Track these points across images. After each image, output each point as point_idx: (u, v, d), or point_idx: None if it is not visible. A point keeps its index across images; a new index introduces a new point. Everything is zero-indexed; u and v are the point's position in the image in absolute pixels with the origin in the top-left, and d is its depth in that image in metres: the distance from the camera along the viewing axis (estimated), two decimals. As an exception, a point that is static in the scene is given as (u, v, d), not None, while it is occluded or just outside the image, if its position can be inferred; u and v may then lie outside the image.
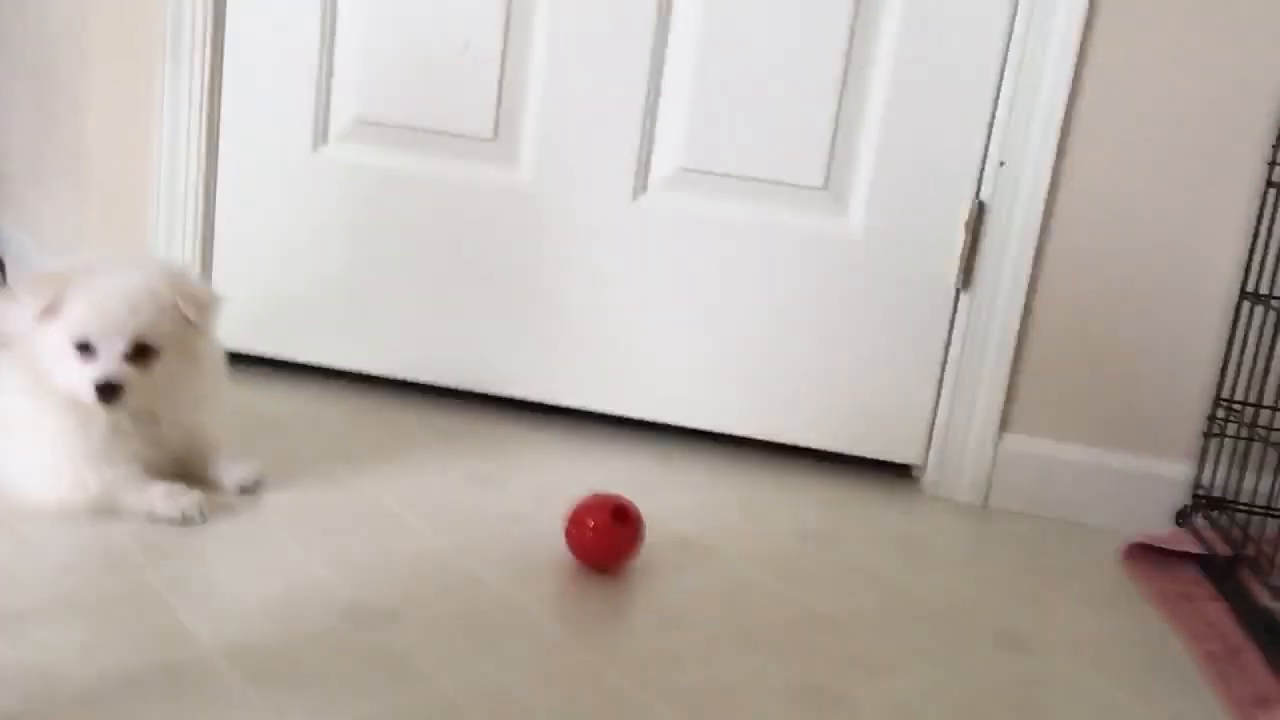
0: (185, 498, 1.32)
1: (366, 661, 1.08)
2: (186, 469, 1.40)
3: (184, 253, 1.76)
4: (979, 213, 1.62)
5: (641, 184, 1.70)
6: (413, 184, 1.73)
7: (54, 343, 1.28)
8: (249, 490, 1.41)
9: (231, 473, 1.41)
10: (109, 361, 1.27)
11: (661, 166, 1.69)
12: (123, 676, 1.01)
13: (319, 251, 1.77)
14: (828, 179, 1.65)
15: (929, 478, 1.71)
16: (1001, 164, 1.59)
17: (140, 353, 1.29)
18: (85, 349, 1.28)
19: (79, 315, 1.27)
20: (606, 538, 1.29)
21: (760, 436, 1.75)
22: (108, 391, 1.27)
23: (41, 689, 0.97)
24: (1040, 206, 1.59)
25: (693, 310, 1.71)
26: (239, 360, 1.51)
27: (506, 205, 1.72)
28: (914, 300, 1.66)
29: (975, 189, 1.61)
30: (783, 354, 1.71)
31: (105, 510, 1.30)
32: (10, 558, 1.19)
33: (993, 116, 1.59)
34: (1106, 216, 1.59)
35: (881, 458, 1.73)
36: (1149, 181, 1.58)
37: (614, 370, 1.75)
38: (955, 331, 1.66)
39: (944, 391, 1.68)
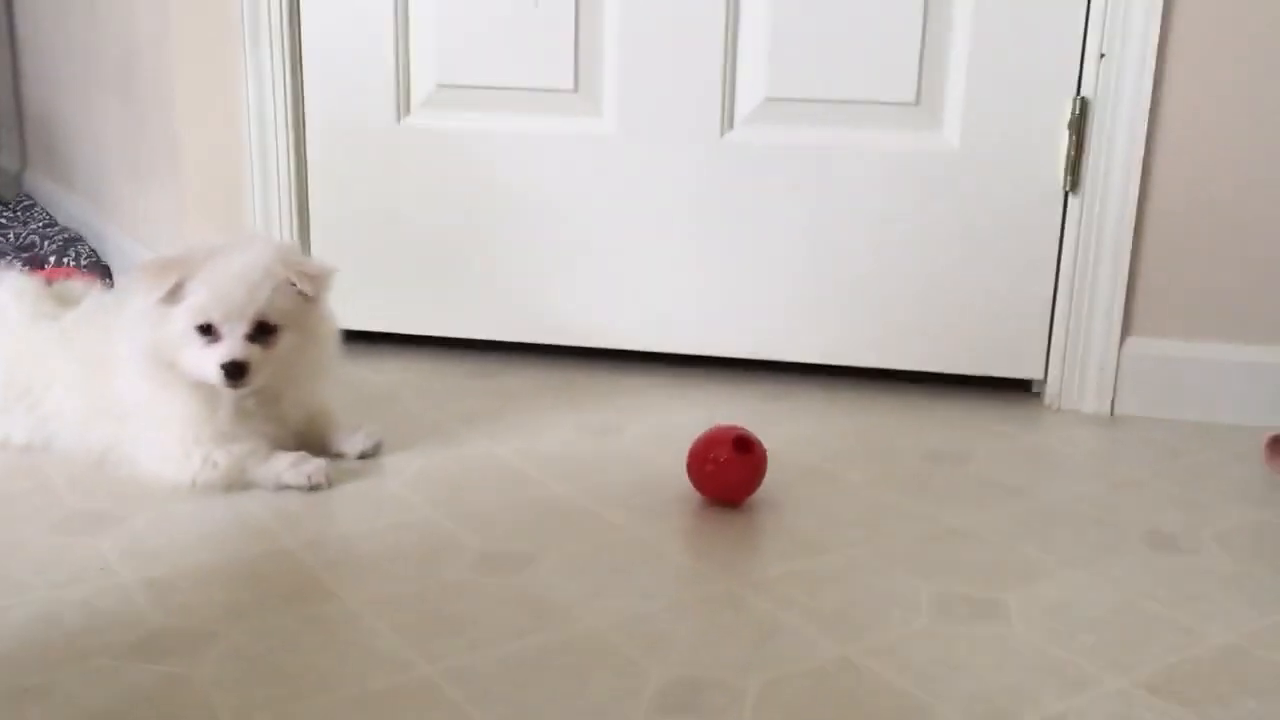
0: (310, 465, 1.34)
1: (508, 604, 1.08)
2: (306, 441, 1.41)
3: (281, 235, 1.79)
4: (1082, 110, 1.55)
5: (728, 120, 1.67)
6: (497, 144, 1.73)
7: (177, 328, 1.29)
8: (368, 455, 1.43)
9: (350, 440, 1.43)
10: (233, 343, 1.28)
11: (746, 99, 1.66)
12: (273, 632, 1.02)
13: (410, 221, 1.78)
14: (919, 93, 1.60)
15: (1051, 390, 1.65)
16: (1102, 56, 1.53)
17: (261, 331, 1.30)
18: (207, 331, 1.29)
19: (201, 299, 1.28)
20: (732, 468, 1.27)
21: (870, 365, 1.71)
22: (234, 372, 1.28)
23: (196, 648, 0.99)
24: (1147, 97, 1.52)
25: (790, 242, 1.68)
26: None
27: (592, 156, 1.71)
28: (1021, 209, 1.61)
29: (1076, 86, 1.55)
30: (886, 278, 1.67)
31: (235, 485, 1.32)
32: (152, 532, 1.21)
33: (1089, 4, 1.52)
34: (1218, 101, 1.52)
35: (999, 375, 1.68)
36: (1262, 58, 1.50)
37: (715, 312, 1.73)
38: (1066, 237, 1.61)
39: (1059, 300, 1.63)
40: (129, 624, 1.03)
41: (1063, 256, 1.61)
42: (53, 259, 2.25)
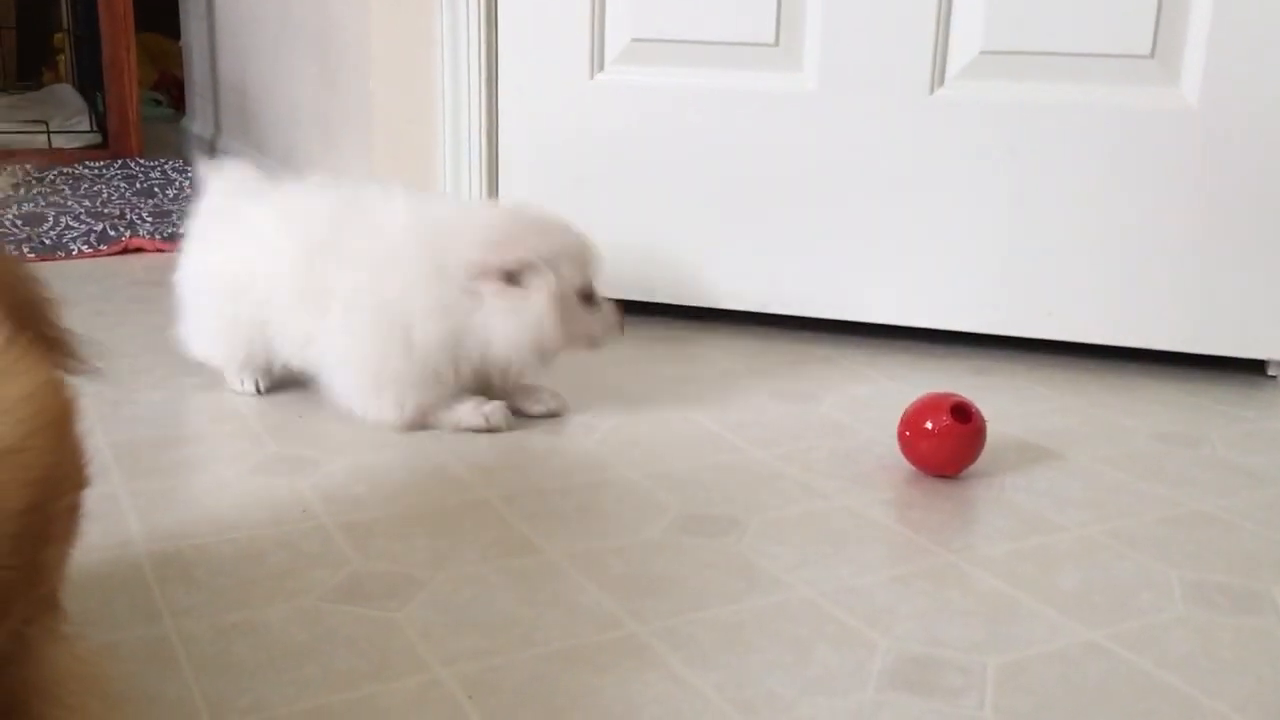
0: (488, 406, 1.34)
1: (715, 567, 1.02)
2: (490, 397, 1.39)
3: (471, 195, 1.77)
4: (1345, 61, 1.40)
5: (938, 75, 1.57)
6: (692, 101, 1.67)
7: None
8: (554, 415, 1.40)
9: (534, 399, 1.40)
10: None
11: (960, 53, 1.56)
12: (475, 582, 0.99)
13: (602, 181, 1.74)
14: (1155, 44, 1.47)
15: (1293, 373, 1.51)
16: (1373, 0, 1.37)
17: None
18: None
19: None
20: (950, 437, 1.18)
21: (1088, 341, 1.59)
22: None
23: (398, 593, 0.96)
24: None
25: (1002, 208, 1.57)
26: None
27: (791, 113, 1.63)
28: (1268, 174, 1.46)
29: (1339, 34, 1.40)
30: (1109, 247, 1.54)
31: (419, 427, 1.32)
32: (349, 479, 1.20)
33: (1362, -57, 1.37)
34: None
35: (1232, 354, 1.54)
36: None
37: (917, 280, 1.63)
38: (1319, 203, 1.46)
39: (1307, 274, 1.48)
40: (331, 566, 1.01)
41: (1314, 225, 1.46)
42: (245, 219, 2.30)
